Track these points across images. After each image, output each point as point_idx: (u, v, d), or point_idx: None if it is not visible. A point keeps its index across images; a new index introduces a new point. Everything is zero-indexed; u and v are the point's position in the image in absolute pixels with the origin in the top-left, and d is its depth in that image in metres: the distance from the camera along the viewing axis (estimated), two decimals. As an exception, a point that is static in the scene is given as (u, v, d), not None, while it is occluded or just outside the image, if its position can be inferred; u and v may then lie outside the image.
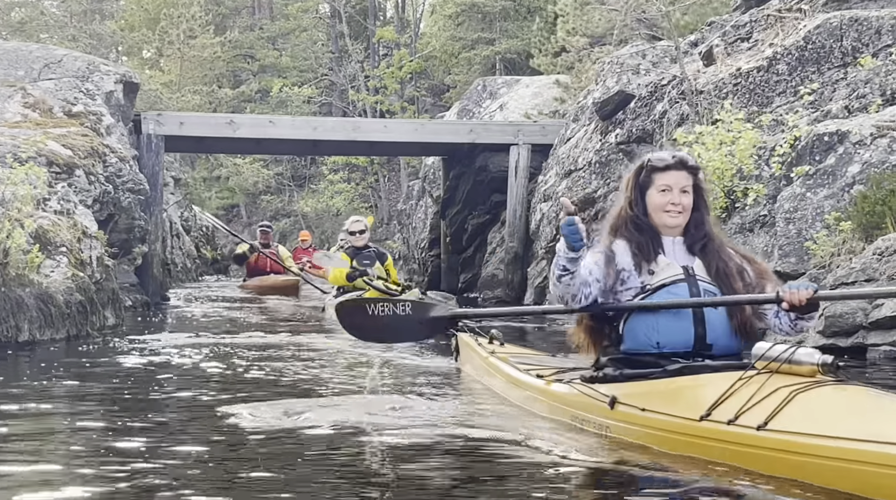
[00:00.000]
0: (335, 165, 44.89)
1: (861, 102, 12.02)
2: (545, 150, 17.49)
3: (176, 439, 5.05)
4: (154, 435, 5.09)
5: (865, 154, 10.48)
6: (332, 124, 19.09)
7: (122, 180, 14.49)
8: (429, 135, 18.05)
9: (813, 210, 10.57)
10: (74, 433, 5.24)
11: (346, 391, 6.73)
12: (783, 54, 12.90)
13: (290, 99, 43.02)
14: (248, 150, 27.31)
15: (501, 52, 38.72)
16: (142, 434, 5.10)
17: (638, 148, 14.57)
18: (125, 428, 5.33)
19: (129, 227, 14.67)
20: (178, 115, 18.70)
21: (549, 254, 15.92)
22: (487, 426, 5.20)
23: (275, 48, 49.27)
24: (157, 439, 4.97)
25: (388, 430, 5.15)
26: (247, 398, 6.31)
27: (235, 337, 10.83)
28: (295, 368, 7.95)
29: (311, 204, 45.26)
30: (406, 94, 45.15)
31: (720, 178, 11.72)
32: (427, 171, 21.09)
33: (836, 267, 9.80)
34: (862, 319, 9.27)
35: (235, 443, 4.97)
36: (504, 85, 21.54)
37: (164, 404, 6.23)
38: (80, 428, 5.36)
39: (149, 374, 7.75)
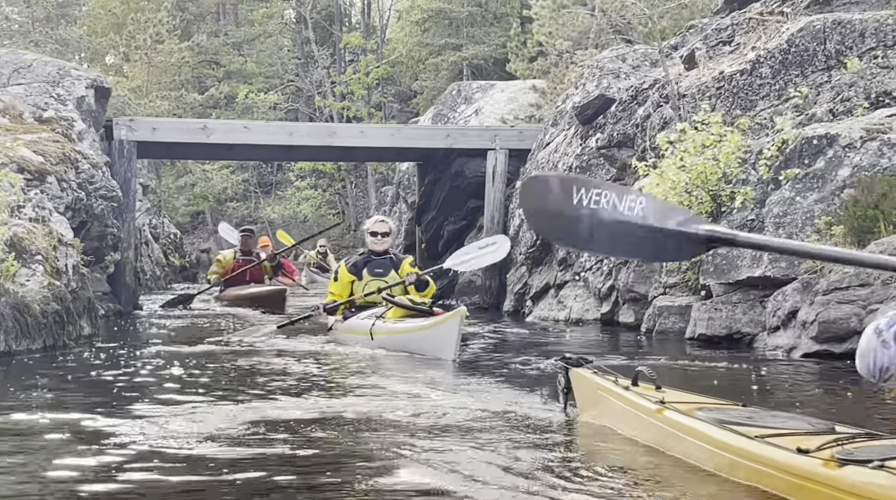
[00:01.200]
0: (302, 171, 44.64)
1: (846, 105, 11.95)
2: (522, 155, 17.32)
3: (157, 450, 4.98)
4: (136, 446, 5.03)
5: (855, 157, 10.40)
6: (308, 130, 18.86)
7: (94, 187, 14.18)
8: (405, 140, 17.85)
9: (803, 214, 10.48)
10: (55, 445, 5.15)
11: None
12: (766, 57, 12.81)
13: (256, 105, 42.69)
14: (221, 156, 26.93)
15: (468, 58, 38.65)
16: (123, 446, 5.03)
17: (619, 152, 14.46)
18: (107, 440, 5.20)
19: (102, 234, 14.36)
20: (150, 120, 18.40)
21: (529, 260, 15.76)
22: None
23: (240, 54, 48.91)
24: (139, 450, 4.94)
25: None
26: (231, 409, 6.21)
27: (215, 347, 10.62)
28: (307, 397, 6.98)
29: (278, 211, 44.97)
30: (373, 100, 44.97)
31: (704, 182, 11.61)
32: (402, 176, 20.88)
33: (828, 272, 9.69)
34: (856, 324, 9.17)
35: (218, 453, 4.91)
36: (479, 90, 21.38)
37: (145, 416, 6.02)
38: (61, 440, 5.28)
39: (128, 385, 7.56)
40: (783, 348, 9.88)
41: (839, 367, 8.92)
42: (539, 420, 5.89)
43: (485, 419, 5.96)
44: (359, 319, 10.85)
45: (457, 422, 5.82)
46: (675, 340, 11.49)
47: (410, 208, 20.26)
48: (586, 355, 6.09)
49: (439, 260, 19.49)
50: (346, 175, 45.36)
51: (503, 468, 4.50)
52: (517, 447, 5.05)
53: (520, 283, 16.04)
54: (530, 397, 6.91)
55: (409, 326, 10.13)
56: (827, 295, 9.46)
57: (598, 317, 13.84)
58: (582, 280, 14.53)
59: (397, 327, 10.25)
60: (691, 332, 11.31)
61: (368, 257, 11.24)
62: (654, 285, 12.63)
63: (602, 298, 13.84)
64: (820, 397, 7.62)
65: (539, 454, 4.91)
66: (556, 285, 15.15)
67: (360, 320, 10.81)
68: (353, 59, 48.39)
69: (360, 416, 6.03)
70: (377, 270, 11.10)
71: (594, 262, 14.17)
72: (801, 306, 9.77)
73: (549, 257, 15.55)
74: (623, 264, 13.27)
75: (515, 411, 6.18)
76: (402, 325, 10.23)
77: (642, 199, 4.18)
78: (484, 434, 5.43)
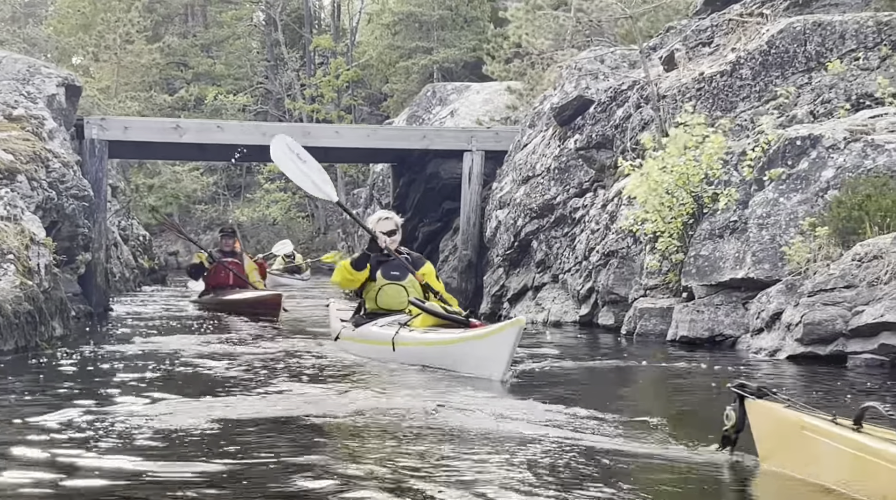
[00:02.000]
0: (272, 173, 44.39)
1: (826, 107, 11.91)
2: (498, 156, 17.21)
3: (132, 451, 4.92)
4: (111, 449, 4.96)
5: (839, 158, 10.34)
6: (283, 130, 18.47)
7: (65, 186, 13.91)
8: (381, 141, 17.68)
9: (786, 215, 10.41)
10: (31, 446, 5.01)
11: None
12: (746, 59, 12.75)
13: (226, 107, 42.44)
14: (192, 156, 26.65)
15: (439, 62, 38.56)
16: (99, 449, 4.95)
17: (598, 154, 14.36)
18: (82, 442, 5.12)
19: (73, 234, 14.09)
20: (122, 119, 18.13)
21: (506, 262, 15.64)
22: None
23: (209, 56, 48.61)
24: (115, 452, 4.89)
25: None
26: (210, 411, 6.08)
27: (192, 348, 10.43)
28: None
29: (247, 213, 44.72)
30: (343, 102, 44.82)
31: (685, 183, 11.52)
32: (376, 178, 20.70)
33: (813, 274, 9.63)
34: (842, 326, 9.10)
35: (202, 451, 4.87)
36: (454, 91, 21.26)
37: (120, 417, 5.89)
38: (37, 442, 5.12)
39: (102, 387, 7.41)
40: (767, 350, 9.80)
41: (824, 369, 8.86)
42: (703, 470, 4.67)
43: (627, 464, 4.85)
44: (377, 326, 9.32)
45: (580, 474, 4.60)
46: (655, 342, 11.40)
47: (384, 210, 20.08)
48: (768, 387, 4.71)
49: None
50: (316, 177, 45.07)
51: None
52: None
53: (497, 285, 15.92)
54: (660, 433, 5.63)
55: (446, 336, 8.46)
56: (812, 297, 9.39)
57: (577, 319, 13.73)
58: (560, 282, 14.43)
59: (430, 337, 8.59)
60: (673, 334, 11.22)
61: (380, 257, 9.58)
62: (634, 287, 12.55)
63: (581, 300, 13.73)
64: (816, 401, 7.49)
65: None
66: (534, 286, 15.05)
67: (378, 328, 9.25)
68: (323, 62, 48.23)
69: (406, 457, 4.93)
70: (393, 272, 9.53)
71: (572, 263, 14.08)
72: (785, 308, 9.70)
73: (526, 259, 15.44)
74: (603, 265, 13.17)
75: (663, 455, 5.00)
76: (437, 335, 8.57)
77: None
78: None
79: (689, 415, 6.82)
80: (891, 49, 12.00)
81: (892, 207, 9.54)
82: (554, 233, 14.75)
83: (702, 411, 6.82)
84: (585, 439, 5.37)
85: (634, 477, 4.55)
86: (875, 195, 9.67)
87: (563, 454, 4.92)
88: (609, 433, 5.59)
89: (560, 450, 5.03)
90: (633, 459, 4.93)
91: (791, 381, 8.35)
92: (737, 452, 4.76)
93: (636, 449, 5.13)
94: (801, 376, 8.64)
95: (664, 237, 11.69)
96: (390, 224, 9.84)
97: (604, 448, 5.10)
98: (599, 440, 5.37)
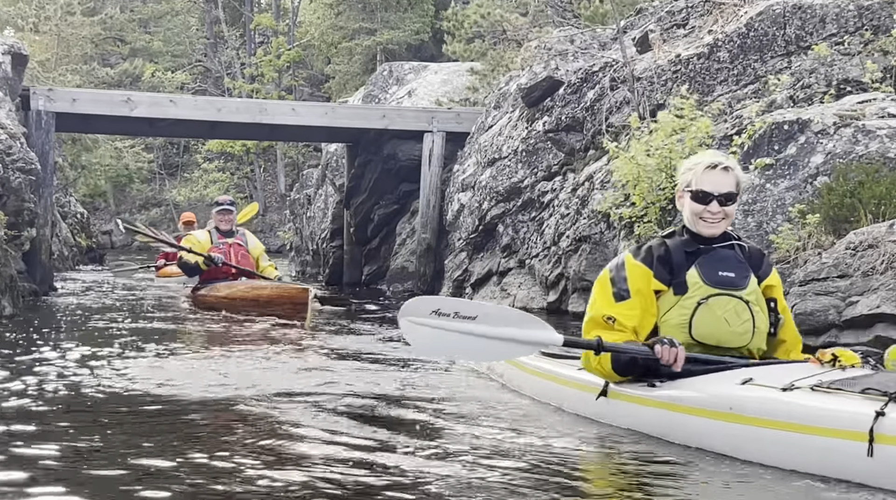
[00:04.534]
0: (210, 153, 43.67)
1: (806, 92, 11.64)
2: (459, 138, 16.79)
3: (92, 432, 4.76)
4: (70, 432, 4.78)
5: (829, 144, 10.05)
6: (237, 106, 17.99)
7: (11, 159, 13.29)
8: (339, 119, 17.12)
9: (773, 202, 10.11)
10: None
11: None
12: (724, 41, 12.45)
13: (164, 84, 41.55)
14: (142, 131, 25.81)
15: (383, 43, 38.10)
16: (56, 433, 4.74)
17: (567, 137, 13.99)
18: (38, 426, 4.88)
19: (19, 209, 13.44)
20: (70, 91, 17.42)
21: (469, 246, 15.24)
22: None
23: (146, 31, 47.61)
24: (73, 434, 4.72)
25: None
26: (178, 392, 5.84)
27: (147, 325, 9.95)
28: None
29: (184, 193, 43.91)
30: (284, 83, 44.16)
31: (667, 167, 11.18)
32: (329, 158, 20.15)
33: (804, 262, 9.33)
34: (835, 316, 8.80)
35: (176, 430, 4.74)
36: (411, 71, 20.75)
37: (78, 398, 5.64)
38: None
39: (59, 368, 6.85)
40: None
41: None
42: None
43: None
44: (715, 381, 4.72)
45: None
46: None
47: (338, 191, 19.56)
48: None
49: (368, 244, 18.97)
50: (255, 158, 44.50)
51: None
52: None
53: (459, 269, 15.48)
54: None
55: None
56: (804, 286, 9.08)
57: (545, 306, 13.34)
58: (527, 268, 14.04)
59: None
60: (651, 322, 10.88)
61: (692, 245, 5.09)
62: (607, 274, 12.18)
63: (549, 286, 13.35)
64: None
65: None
66: (500, 271, 14.64)
67: (717, 382, 4.70)
68: (264, 41, 47.49)
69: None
70: (725, 272, 5.04)
71: (541, 249, 13.70)
72: (774, 297, 9.39)
73: (491, 243, 15.03)
74: (574, 251, 12.80)
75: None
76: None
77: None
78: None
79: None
80: (873, 33, 11.76)
81: (886, 195, 9.25)
82: (521, 217, 14.35)
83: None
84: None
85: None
86: (868, 182, 9.39)
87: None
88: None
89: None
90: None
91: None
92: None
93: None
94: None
95: (644, 223, 11.35)
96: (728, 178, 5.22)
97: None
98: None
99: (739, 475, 4.08)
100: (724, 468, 4.17)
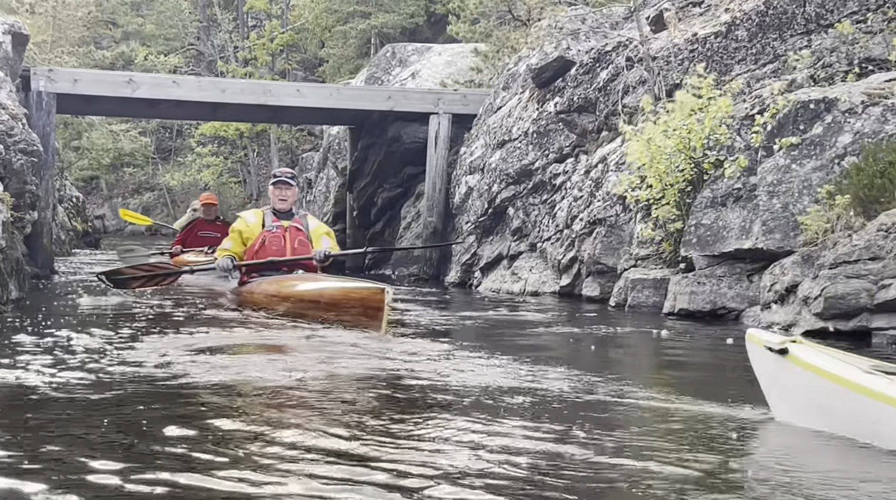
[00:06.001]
0: (203, 137, 43.29)
1: (827, 71, 11.39)
2: (465, 120, 16.52)
3: (102, 416, 4.53)
4: (81, 417, 4.59)
5: (857, 123, 9.82)
6: (242, 87, 17.68)
7: (13, 140, 12.94)
8: (344, 101, 16.83)
9: (800, 183, 9.89)
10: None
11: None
12: (742, 19, 12.20)
13: (156, 67, 41.13)
14: (143, 113, 25.39)
15: (378, 26, 37.74)
16: (69, 419, 4.56)
17: (579, 118, 13.74)
18: (52, 411, 4.69)
19: (20, 192, 13.09)
20: (71, 71, 17.06)
21: (479, 229, 15.00)
22: None
23: (138, 15, 47.16)
24: (84, 418, 4.56)
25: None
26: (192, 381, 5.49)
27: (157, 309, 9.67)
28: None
29: (178, 177, 43.53)
30: (277, 67, 43.76)
31: (686, 148, 10.96)
32: (331, 141, 19.87)
33: (833, 244, 9.09)
34: (866, 300, 8.60)
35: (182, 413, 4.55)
36: (414, 52, 20.45)
37: (97, 384, 5.34)
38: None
39: (74, 353, 6.53)
40: (780, 325, 9.24)
41: (844, 345, 8.33)
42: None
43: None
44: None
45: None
46: (650, 314, 10.83)
47: (340, 174, 19.30)
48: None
49: (372, 228, 18.69)
50: (249, 143, 44.15)
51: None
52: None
53: (467, 253, 15.23)
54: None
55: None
56: (834, 269, 8.86)
57: (557, 290, 13.11)
58: (539, 251, 13.80)
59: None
60: (670, 306, 10.67)
61: None
62: (623, 258, 11.94)
63: (562, 270, 13.11)
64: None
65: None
66: (510, 255, 14.40)
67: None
68: (257, 25, 47.06)
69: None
70: None
71: (553, 232, 13.47)
72: (802, 281, 9.16)
73: (501, 227, 14.79)
74: (588, 234, 12.57)
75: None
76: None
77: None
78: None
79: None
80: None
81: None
82: (532, 200, 14.11)
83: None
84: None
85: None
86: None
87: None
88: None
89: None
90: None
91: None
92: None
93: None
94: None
95: (661, 205, 11.12)
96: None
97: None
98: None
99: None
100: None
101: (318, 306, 8.75)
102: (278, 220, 9.77)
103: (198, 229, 14.75)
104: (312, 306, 8.81)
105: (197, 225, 14.86)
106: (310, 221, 10.05)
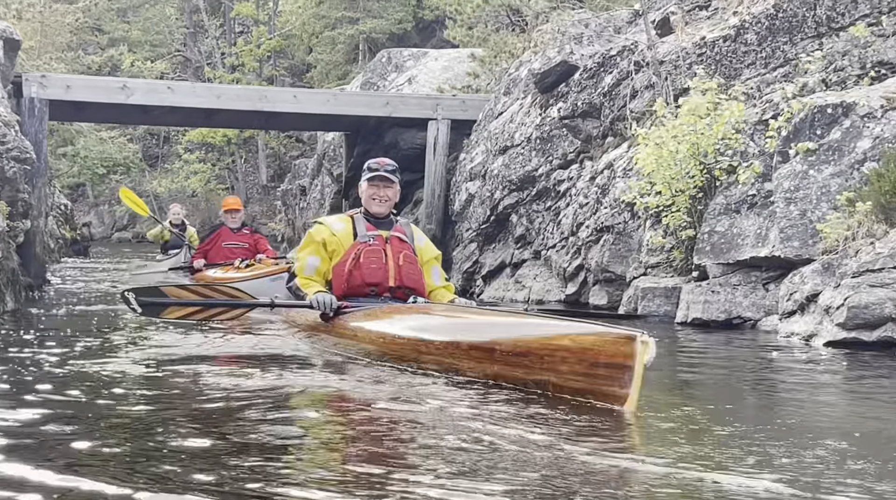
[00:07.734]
0: (191, 144, 43.04)
1: (839, 75, 11.18)
2: (463, 126, 16.27)
3: (102, 426, 4.42)
4: (80, 426, 4.38)
5: (876, 128, 9.59)
6: (237, 93, 17.42)
7: (5, 148, 12.64)
8: (342, 107, 16.58)
9: (818, 189, 9.65)
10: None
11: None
12: (752, 23, 11.99)
13: (143, 74, 40.84)
14: (136, 119, 25.08)
15: (366, 32, 37.58)
16: (68, 429, 4.33)
17: (584, 123, 13.51)
18: (50, 420, 4.46)
19: (13, 200, 12.78)
20: (64, 77, 16.74)
21: (480, 237, 14.75)
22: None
23: (124, 21, 46.86)
24: (83, 431, 4.31)
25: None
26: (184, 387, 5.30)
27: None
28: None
29: (165, 184, 43.24)
30: (265, 73, 43.56)
31: (696, 154, 10.73)
32: (326, 147, 19.59)
33: (855, 252, 8.86)
34: (891, 309, 8.36)
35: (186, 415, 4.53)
36: (410, 58, 20.21)
37: (90, 392, 5.19)
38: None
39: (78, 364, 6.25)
40: (800, 335, 8.99)
41: (868, 356, 8.09)
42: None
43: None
44: None
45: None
46: (662, 323, 10.59)
47: (336, 181, 19.02)
48: None
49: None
50: (237, 149, 43.91)
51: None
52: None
53: (469, 261, 14.98)
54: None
55: None
56: (857, 278, 8.62)
57: (563, 298, 12.87)
58: (543, 259, 13.55)
59: None
60: (683, 316, 10.43)
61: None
62: (632, 266, 11.71)
63: (568, 278, 12.87)
64: (868, 390, 6.67)
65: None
66: (513, 263, 14.16)
67: None
68: (245, 31, 46.86)
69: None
70: None
71: (558, 239, 13.23)
72: (823, 290, 8.92)
73: (503, 235, 14.54)
74: (595, 241, 12.33)
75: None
76: None
77: None
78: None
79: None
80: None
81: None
82: (535, 207, 13.87)
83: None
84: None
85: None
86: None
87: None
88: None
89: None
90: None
91: (835, 369, 7.50)
92: None
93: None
94: (845, 364, 7.77)
95: (672, 212, 10.88)
96: None
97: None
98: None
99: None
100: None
101: (487, 357, 5.27)
102: (374, 228, 7.19)
103: (223, 239, 13.41)
104: (473, 359, 5.37)
105: (222, 234, 13.49)
106: (415, 234, 7.54)
